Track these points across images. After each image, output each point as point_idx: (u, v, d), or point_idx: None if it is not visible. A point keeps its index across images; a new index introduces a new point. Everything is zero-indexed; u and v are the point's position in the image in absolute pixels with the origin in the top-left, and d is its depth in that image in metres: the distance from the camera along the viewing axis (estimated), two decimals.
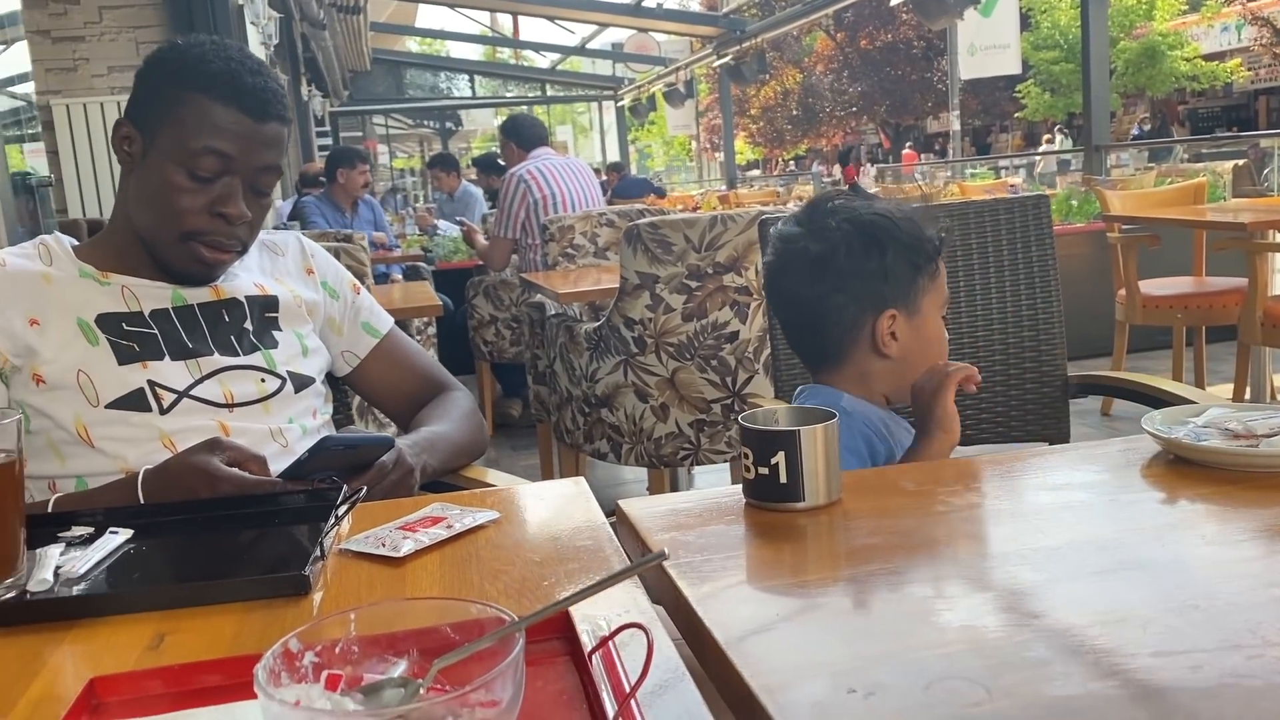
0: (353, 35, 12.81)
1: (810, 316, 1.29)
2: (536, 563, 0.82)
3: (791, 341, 1.39)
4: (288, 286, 1.51)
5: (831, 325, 1.28)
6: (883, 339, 1.26)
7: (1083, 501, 0.90)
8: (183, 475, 1.12)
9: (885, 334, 1.26)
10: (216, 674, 0.64)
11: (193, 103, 1.32)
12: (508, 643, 0.53)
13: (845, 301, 1.26)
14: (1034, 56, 21.09)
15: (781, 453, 0.88)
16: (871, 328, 1.26)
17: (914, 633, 0.66)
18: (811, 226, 1.32)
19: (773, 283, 1.38)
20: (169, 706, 0.61)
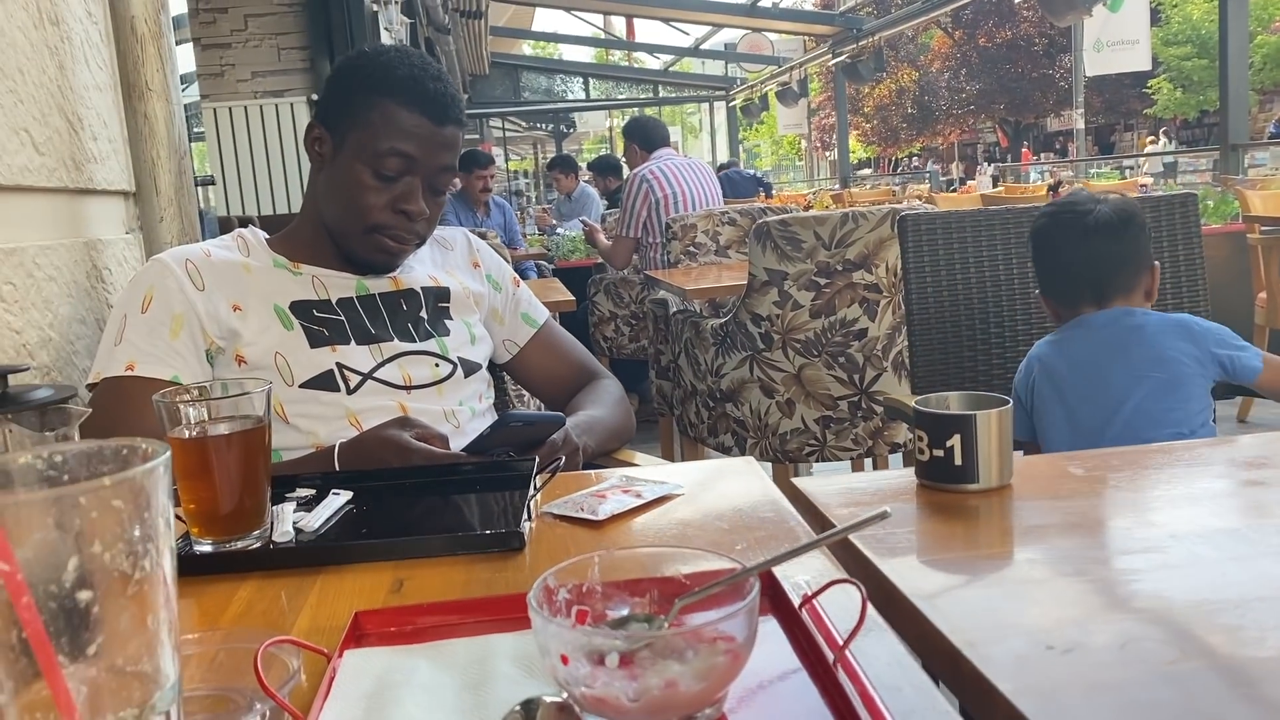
0: (474, 39, 13.13)
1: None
2: (725, 529, 0.89)
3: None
4: (457, 279, 1.61)
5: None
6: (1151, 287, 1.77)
7: (1256, 488, 0.91)
8: (377, 447, 1.22)
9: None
10: (460, 613, 0.72)
11: (380, 107, 1.42)
12: (741, 587, 0.59)
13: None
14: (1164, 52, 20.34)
15: (957, 435, 0.92)
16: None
17: (1102, 600, 0.70)
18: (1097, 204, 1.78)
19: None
20: (427, 638, 0.69)
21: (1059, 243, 1.77)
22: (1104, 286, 1.72)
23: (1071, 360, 1.71)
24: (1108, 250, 1.72)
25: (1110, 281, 1.72)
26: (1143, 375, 1.64)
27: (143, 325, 1.37)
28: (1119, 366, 1.66)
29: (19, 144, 1.43)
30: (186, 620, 0.79)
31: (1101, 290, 1.72)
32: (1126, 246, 1.73)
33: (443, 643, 0.68)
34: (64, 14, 1.62)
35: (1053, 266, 1.80)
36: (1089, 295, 1.74)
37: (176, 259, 1.43)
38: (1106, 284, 1.72)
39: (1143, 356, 1.65)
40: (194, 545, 0.88)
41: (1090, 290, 1.73)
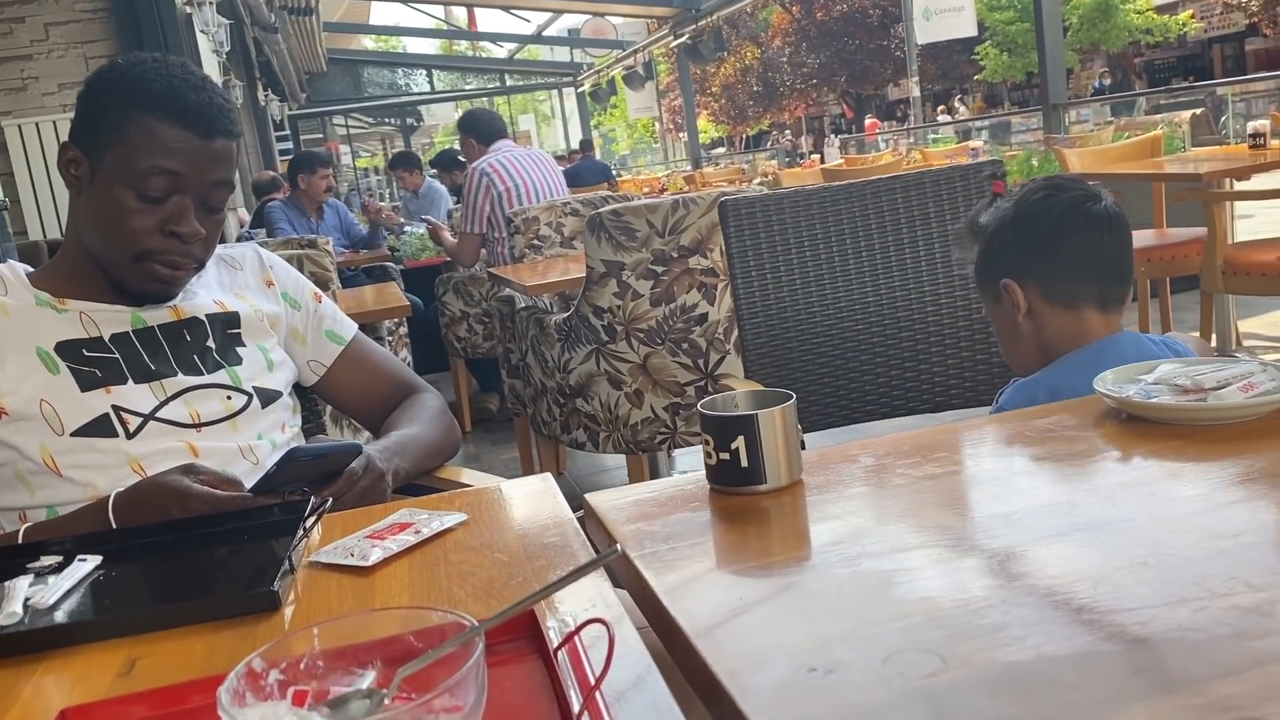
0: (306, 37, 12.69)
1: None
2: (504, 562, 0.83)
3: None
4: (248, 301, 1.51)
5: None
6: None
7: (1037, 466, 0.91)
8: (154, 495, 1.12)
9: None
10: (188, 697, 0.64)
11: (137, 123, 1.31)
12: (468, 647, 0.54)
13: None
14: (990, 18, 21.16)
15: (741, 437, 0.89)
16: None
17: (874, 607, 0.68)
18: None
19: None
20: None
21: (1068, 226, 1.47)
22: (1113, 285, 1.47)
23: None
24: (1121, 245, 1.48)
25: (1121, 282, 1.48)
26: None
27: None
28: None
29: None
30: None
31: (1110, 289, 1.46)
32: (1131, 247, 1.51)
33: None
34: None
35: (1053, 251, 1.48)
36: (1096, 293, 1.45)
37: None
38: (1117, 283, 1.47)
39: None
40: None
41: (1099, 287, 1.45)
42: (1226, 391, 0.94)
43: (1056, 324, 1.45)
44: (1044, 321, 1.46)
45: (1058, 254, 1.48)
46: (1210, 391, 0.94)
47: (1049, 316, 1.46)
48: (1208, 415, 0.93)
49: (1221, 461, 0.85)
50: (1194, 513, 0.76)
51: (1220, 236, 3.60)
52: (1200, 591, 0.63)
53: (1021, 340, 1.49)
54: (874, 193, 2.14)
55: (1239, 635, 0.58)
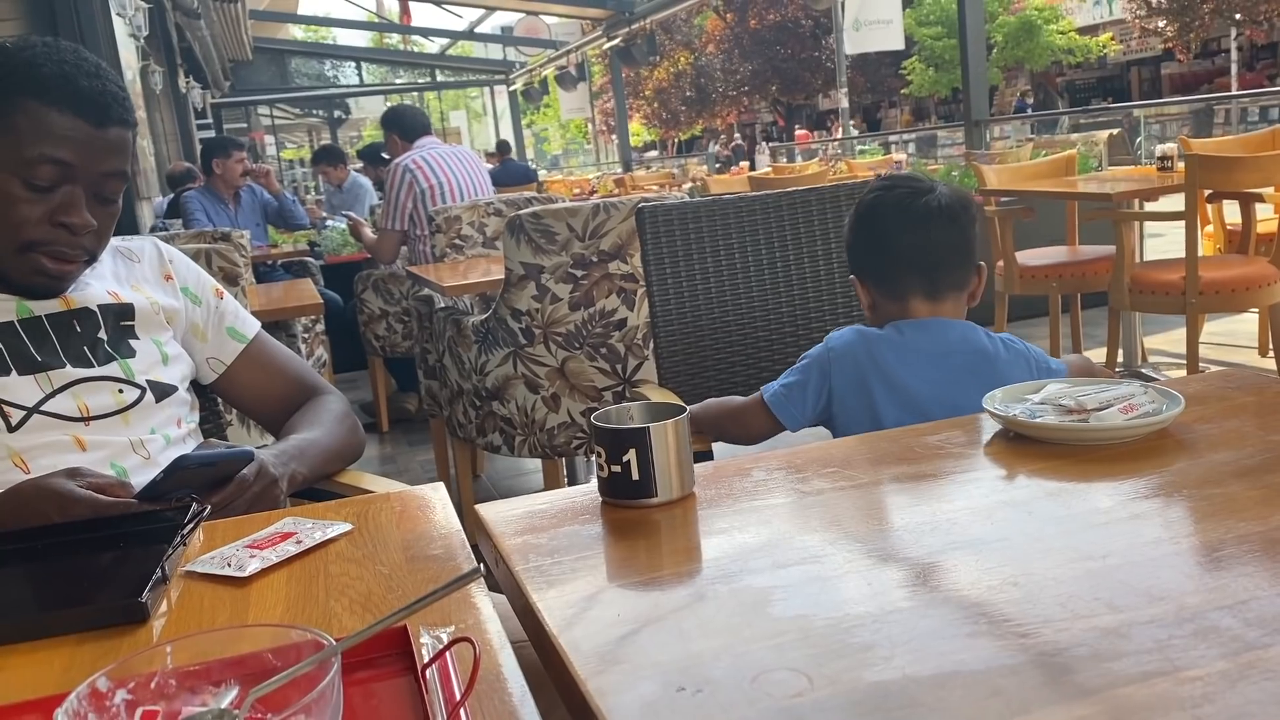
0: (231, 24, 12.41)
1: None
2: (385, 575, 0.82)
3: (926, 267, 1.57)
4: (144, 293, 1.47)
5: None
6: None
7: (923, 483, 0.93)
8: (34, 498, 1.08)
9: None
10: (31, 716, 0.62)
11: (25, 110, 1.26)
12: (324, 667, 0.53)
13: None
14: (918, 33, 21.56)
15: (632, 450, 0.89)
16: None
17: (749, 625, 0.68)
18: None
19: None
20: None
21: (893, 223, 1.57)
22: (939, 276, 1.54)
23: (917, 374, 1.51)
24: (946, 237, 1.54)
25: (947, 272, 1.55)
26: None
27: None
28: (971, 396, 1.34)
29: None
30: None
31: (936, 280, 1.54)
32: (964, 236, 1.57)
33: None
34: None
35: (881, 248, 1.59)
36: (921, 284, 1.54)
37: None
38: (943, 274, 1.55)
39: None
40: None
41: (924, 279, 1.54)
42: (1108, 413, 0.96)
43: (889, 313, 1.58)
44: (883, 313, 1.59)
45: (884, 250, 1.59)
46: (1092, 413, 0.97)
47: (884, 307, 1.59)
48: (1089, 436, 0.95)
49: (1097, 482, 0.88)
50: (1067, 533, 0.78)
51: (1128, 255, 3.71)
52: (1064, 613, 0.65)
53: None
54: (790, 204, 2.16)
55: (1096, 656, 0.59)
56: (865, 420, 1.50)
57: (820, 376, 1.55)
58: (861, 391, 1.52)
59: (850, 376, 1.53)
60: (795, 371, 1.59)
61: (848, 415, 1.53)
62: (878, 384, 1.51)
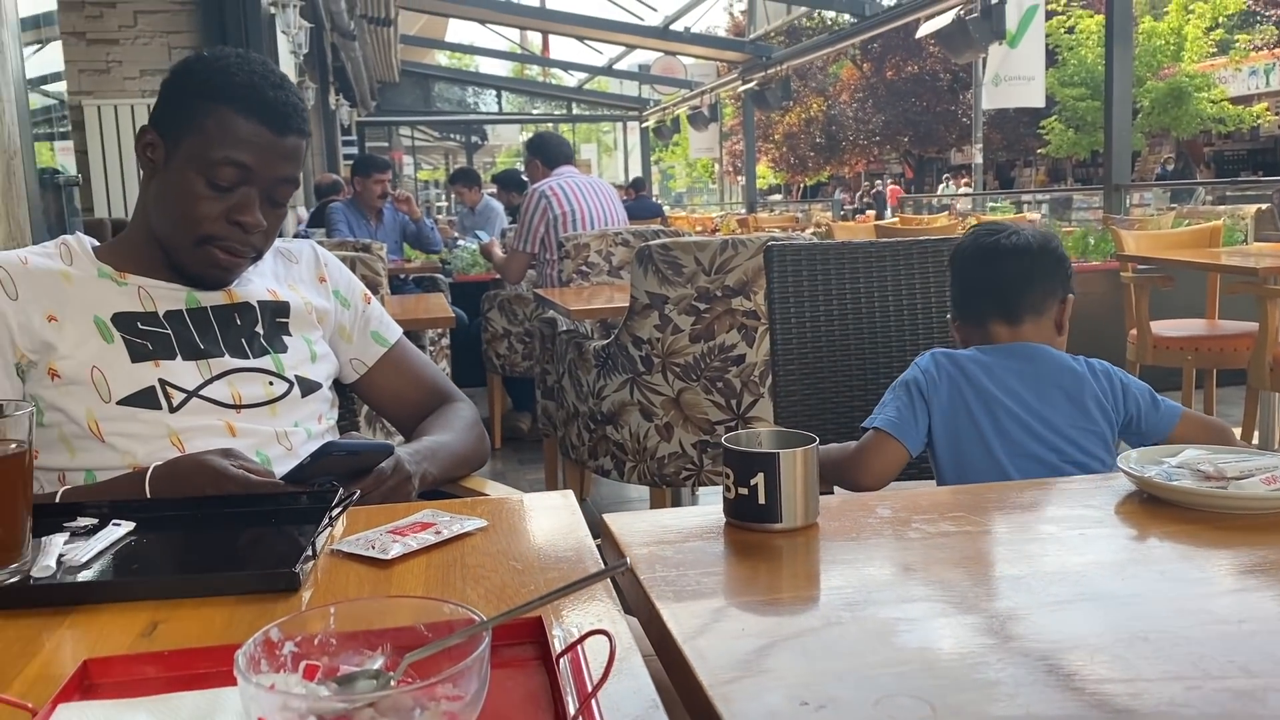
0: (382, 47, 12.95)
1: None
2: (518, 570, 0.85)
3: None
4: (300, 293, 1.55)
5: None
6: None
7: (1052, 534, 0.92)
8: (191, 472, 1.16)
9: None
10: (204, 661, 0.67)
11: (216, 114, 1.36)
12: (474, 641, 0.56)
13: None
14: (1060, 93, 21.09)
15: (761, 474, 0.91)
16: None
17: (872, 651, 0.69)
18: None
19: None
20: (157, 690, 0.64)
21: (973, 261, 1.76)
22: (1012, 302, 1.69)
23: (1006, 388, 1.61)
24: (1018, 267, 1.70)
25: (1019, 299, 1.69)
26: (1083, 427, 1.58)
27: None
28: (1062, 410, 1.59)
29: None
30: None
31: (1010, 306, 1.69)
32: (1037, 267, 1.70)
33: (169, 696, 0.63)
34: None
35: (964, 284, 1.77)
36: (996, 310, 1.70)
37: None
38: (1015, 300, 1.69)
39: (1082, 405, 1.59)
40: None
41: (998, 305, 1.70)
42: (1249, 482, 0.94)
43: (974, 341, 1.72)
44: (969, 344, 1.73)
45: (963, 283, 1.78)
46: (1232, 480, 0.95)
47: (969, 336, 1.74)
48: (1227, 503, 0.93)
49: (1235, 549, 0.86)
50: (1200, 595, 0.77)
51: (1272, 333, 3.56)
52: (1195, 671, 0.64)
53: None
54: (920, 252, 2.15)
55: (1227, 717, 0.59)
56: (968, 435, 1.59)
57: (918, 397, 1.64)
58: (958, 403, 1.62)
59: (945, 391, 1.63)
60: (893, 399, 1.66)
61: (949, 430, 1.61)
62: (972, 396, 1.61)
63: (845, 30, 11.81)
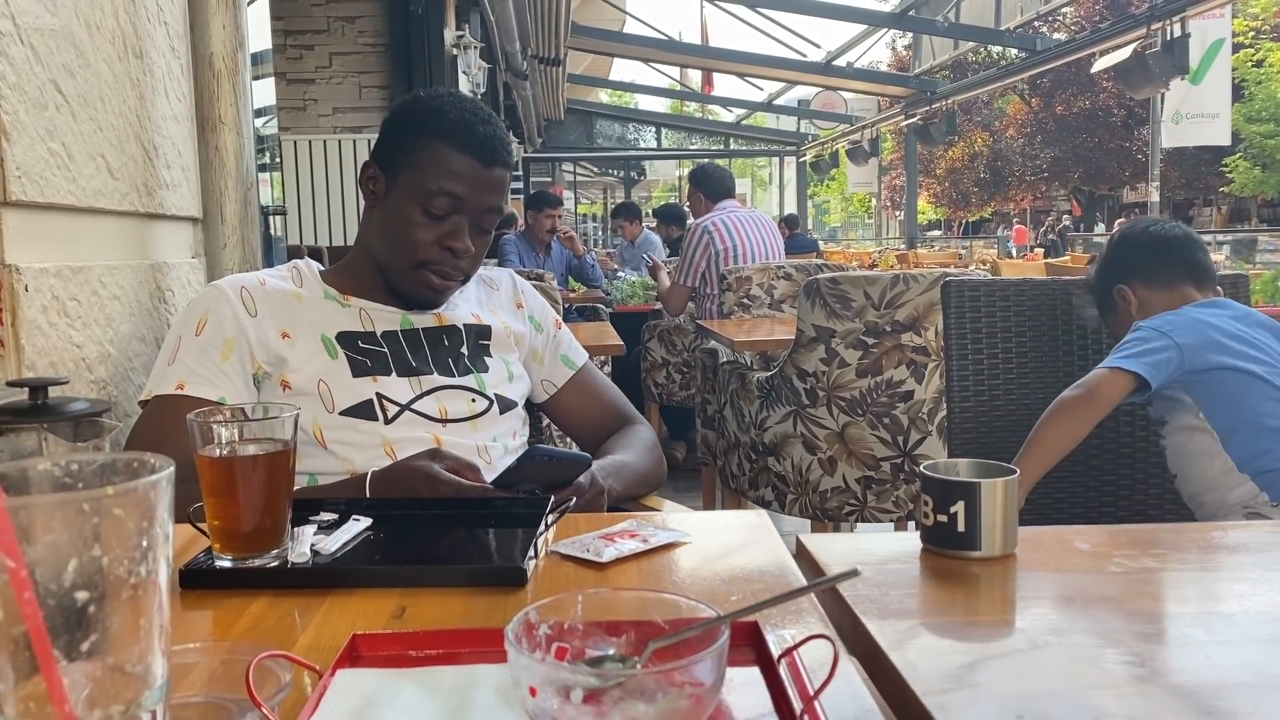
0: (551, 86, 13.41)
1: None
2: (724, 580, 0.90)
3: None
4: (500, 318, 1.66)
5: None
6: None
7: (1260, 574, 0.91)
8: (408, 476, 1.25)
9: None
10: (454, 642, 0.74)
11: (431, 148, 1.48)
12: (714, 633, 0.61)
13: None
14: (1246, 129, 19.99)
15: (961, 502, 0.93)
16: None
17: (1082, 675, 0.71)
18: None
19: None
20: (417, 664, 0.72)
21: (1153, 235, 1.97)
22: (1209, 268, 1.93)
23: (1243, 336, 1.79)
24: (1191, 242, 1.96)
25: (1206, 262, 1.95)
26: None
27: (196, 347, 1.43)
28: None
29: (95, 168, 1.51)
30: (200, 630, 0.83)
31: (1205, 273, 1.92)
32: (1197, 243, 1.98)
33: (431, 669, 0.70)
34: (148, 48, 1.71)
35: (1149, 252, 1.95)
36: (1194, 275, 1.91)
37: (232, 285, 1.50)
38: (1205, 263, 1.94)
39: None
40: (215, 560, 0.92)
41: (1196, 270, 1.92)
42: None
43: (1163, 303, 1.90)
44: (1151, 307, 1.91)
45: (1151, 253, 1.96)
46: None
47: (1155, 301, 1.92)
48: None
49: None
50: None
51: None
52: None
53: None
54: None
55: None
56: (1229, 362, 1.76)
57: (1164, 340, 1.79)
58: (1203, 340, 1.78)
59: (1188, 331, 1.79)
60: (1137, 344, 1.81)
61: (1209, 361, 1.77)
62: (1213, 331, 1.79)
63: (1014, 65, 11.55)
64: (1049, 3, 10.98)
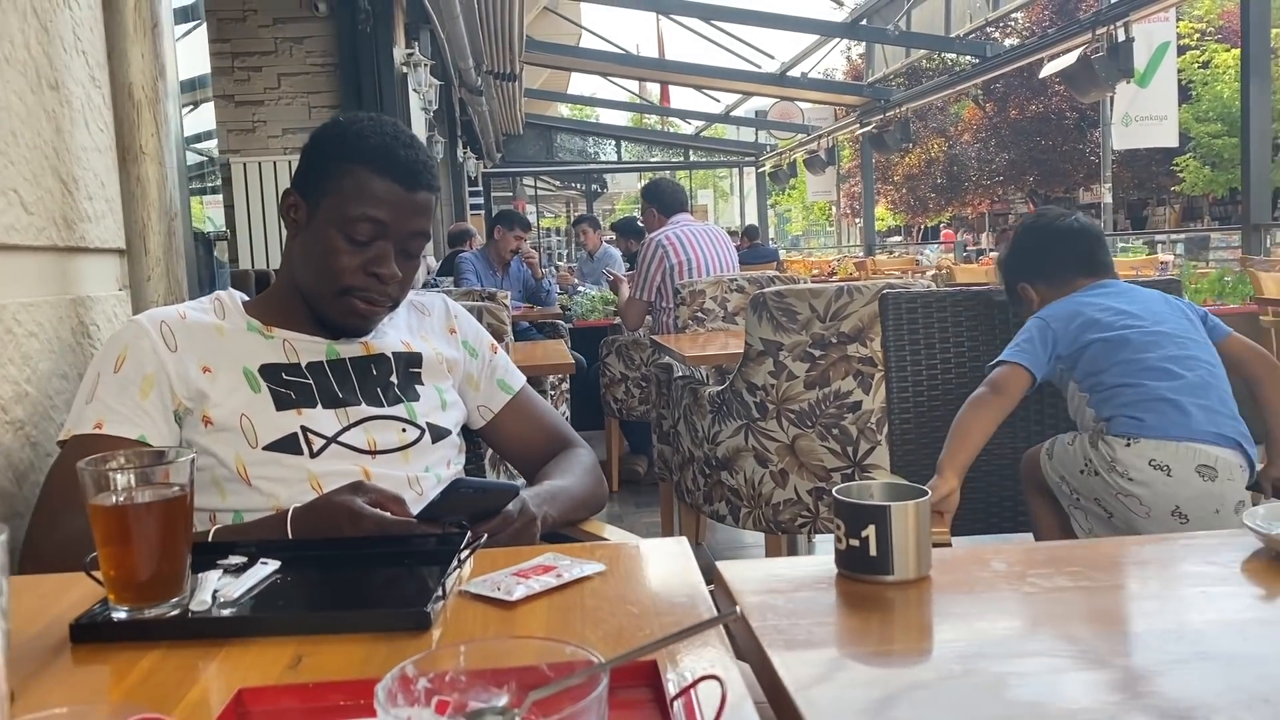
0: (507, 101, 13.39)
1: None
2: (635, 614, 0.89)
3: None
4: (431, 344, 1.64)
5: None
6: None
7: (1172, 592, 0.91)
8: (329, 513, 1.23)
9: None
10: (345, 694, 0.72)
11: (352, 174, 1.46)
12: (593, 681, 0.60)
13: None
14: (1195, 129, 20.31)
15: (872, 526, 0.92)
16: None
17: (982, 706, 0.70)
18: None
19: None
20: (303, 719, 0.70)
21: (1051, 232, 2.08)
22: (1100, 259, 2.04)
23: (1131, 324, 1.89)
24: (1096, 232, 2.09)
25: (1105, 257, 2.06)
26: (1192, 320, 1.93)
27: (114, 384, 1.40)
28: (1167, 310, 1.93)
29: (6, 204, 1.48)
30: (90, 686, 0.81)
31: (1098, 263, 2.03)
32: (1097, 238, 2.09)
33: None
34: (65, 79, 1.68)
35: (1045, 249, 2.06)
36: (1084, 268, 2.02)
37: (152, 320, 1.47)
38: (1103, 257, 2.05)
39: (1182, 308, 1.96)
40: (111, 611, 0.90)
41: (1086, 263, 2.02)
42: None
43: (1058, 297, 2.00)
44: (1050, 301, 2.00)
45: (1044, 250, 2.06)
46: None
47: (1052, 295, 2.01)
48: None
49: None
50: None
51: None
52: None
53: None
54: None
55: None
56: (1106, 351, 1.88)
57: (1044, 328, 1.93)
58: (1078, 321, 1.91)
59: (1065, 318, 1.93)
60: (1024, 335, 1.95)
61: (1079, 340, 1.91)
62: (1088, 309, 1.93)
63: (967, 72, 11.67)
64: (997, 9, 11.11)
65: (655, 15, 14.74)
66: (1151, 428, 1.77)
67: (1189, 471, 1.72)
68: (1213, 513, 1.74)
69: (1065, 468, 1.88)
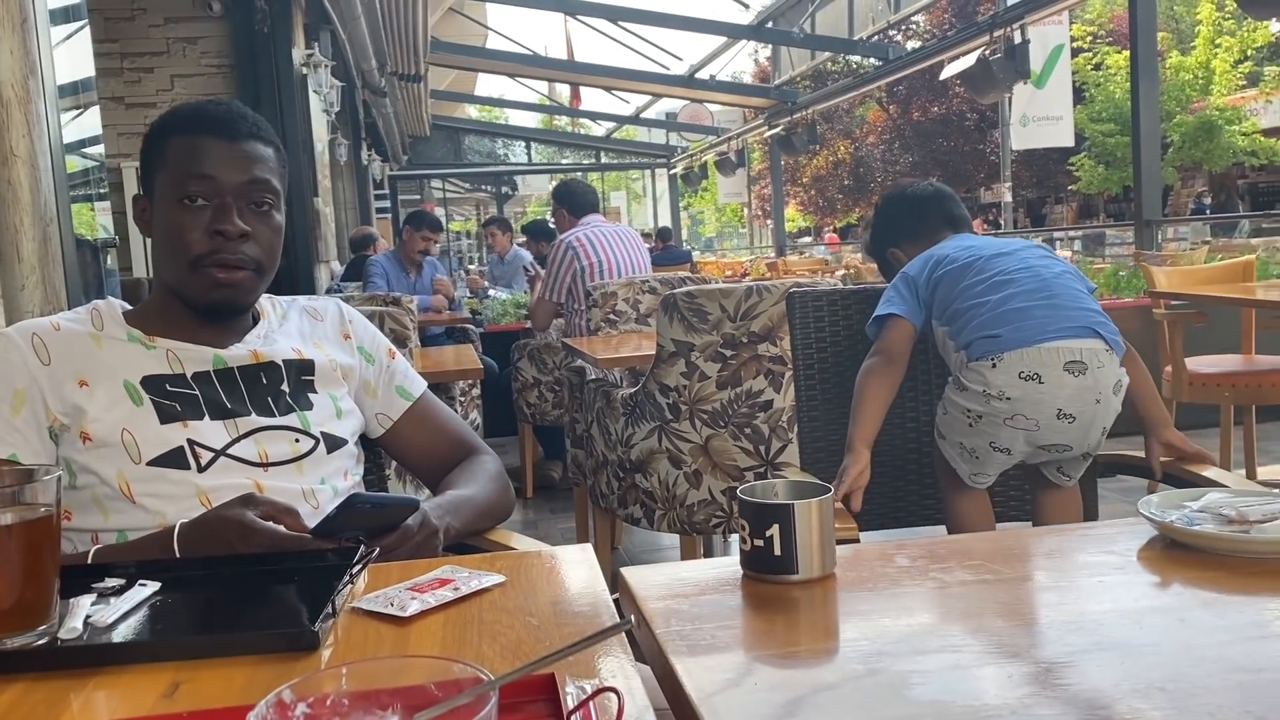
0: (413, 102, 13.19)
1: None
2: (535, 626, 0.86)
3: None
4: (325, 351, 1.58)
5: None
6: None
7: (1071, 582, 0.91)
8: (218, 528, 1.17)
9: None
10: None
11: (173, 146, 1.41)
12: (481, 700, 0.57)
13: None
14: (1089, 129, 21.03)
15: (776, 525, 0.91)
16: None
17: (886, 706, 0.69)
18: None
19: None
20: None
21: (910, 196, 2.20)
22: (956, 214, 2.15)
23: (976, 253, 1.96)
24: (944, 197, 2.18)
25: (961, 212, 2.17)
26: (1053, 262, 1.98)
27: None
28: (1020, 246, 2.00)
29: None
30: None
31: (955, 217, 2.14)
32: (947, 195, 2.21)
33: None
34: None
35: (908, 214, 2.17)
36: (945, 223, 2.12)
37: (22, 332, 1.38)
38: (960, 212, 2.16)
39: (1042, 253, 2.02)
40: None
41: (946, 219, 2.13)
42: (1272, 526, 0.93)
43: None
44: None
45: (907, 215, 2.17)
46: (1255, 524, 0.94)
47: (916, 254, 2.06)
48: (1250, 548, 0.92)
49: (1257, 596, 0.85)
50: (1220, 643, 0.76)
51: None
52: None
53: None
54: None
55: None
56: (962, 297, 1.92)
57: (903, 278, 2.00)
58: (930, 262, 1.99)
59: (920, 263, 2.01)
60: (888, 291, 2.03)
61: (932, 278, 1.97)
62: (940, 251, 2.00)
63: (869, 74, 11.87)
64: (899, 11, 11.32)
65: (563, 16, 14.67)
66: (1008, 340, 1.77)
67: (1058, 372, 1.72)
68: (1094, 403, 1.75)
69: (955, 433, 1.88)
